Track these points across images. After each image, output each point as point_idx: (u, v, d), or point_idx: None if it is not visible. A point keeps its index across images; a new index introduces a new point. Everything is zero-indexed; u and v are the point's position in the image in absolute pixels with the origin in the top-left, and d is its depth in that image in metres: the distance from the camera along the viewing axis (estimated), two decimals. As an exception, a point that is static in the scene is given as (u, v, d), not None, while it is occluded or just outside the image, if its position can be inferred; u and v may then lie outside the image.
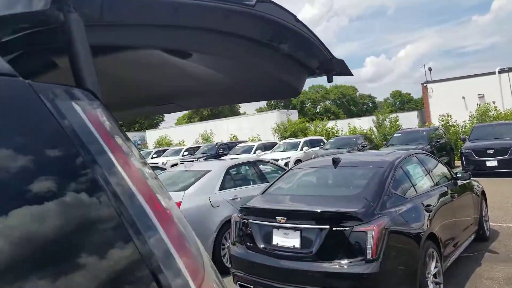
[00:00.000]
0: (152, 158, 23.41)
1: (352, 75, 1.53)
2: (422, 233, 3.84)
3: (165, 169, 8.67)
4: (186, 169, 6.28)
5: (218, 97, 1.60)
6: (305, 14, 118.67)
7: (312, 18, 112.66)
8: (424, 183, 4.79)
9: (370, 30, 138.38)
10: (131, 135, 43.34)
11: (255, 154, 19.83)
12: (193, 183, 5.61)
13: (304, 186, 4.87)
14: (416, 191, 4.39)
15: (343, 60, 1.43)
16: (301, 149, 19.37)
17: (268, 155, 18.63)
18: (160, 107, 1.66)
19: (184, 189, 5.48)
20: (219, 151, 21.93)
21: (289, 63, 1.33)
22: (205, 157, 20.37)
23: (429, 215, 4.10)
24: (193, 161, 19.16)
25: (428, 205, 4.21)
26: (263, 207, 4.24)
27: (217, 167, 6.09)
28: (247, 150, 20.67)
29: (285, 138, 26.58)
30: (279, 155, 18.37)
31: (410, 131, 17.12)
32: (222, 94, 1.54)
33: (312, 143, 20.49)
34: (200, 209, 5.32)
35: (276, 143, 22.33)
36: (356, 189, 4.17)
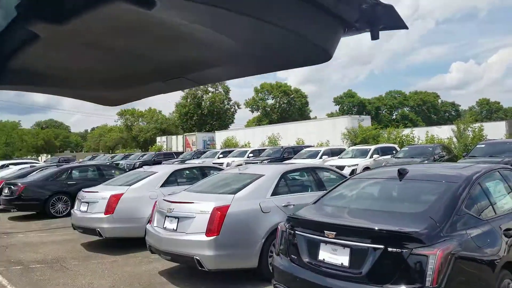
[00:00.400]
0: (218, 158, 23.93)
1: (407, 28, 1.09)
2: (497, 261, 3.30)
3: (222, 169, 8.62)
4: (240, 171, 6.13)
5: (231, 68, 1.30)
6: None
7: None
8: (506, 203, 4.08)
9: (459, 34, 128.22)
10: (201, 135, 45.05)
11: (321, 160, 19.29)
12: (245, 186, 5.42)
13: (362, 198, 4.41)
14: (495, 212, 3.76)
15: (392, 6, 1.01)
16: (371, 157, 18.39)
17: (334, 161, 17.96)
18: (170, 83, 1.40)
19: (234, 192, 5.31)
20: (284, 154, 21.69)
21: (313, 14, 0.96)
22: (269, 160, 20.25)
23: (508, 240, 3.47)
24: (254, 163, 19.18)
25: (508, 229, 3.56)
26: (311, 218, 3.90)
27: (271, 172, 5.85)
28: (313, 155, 20.17)
29: (355, 144, 25.53)
30: (346, 162, 17.63)
31: (496, 143, 15.30)
32: (236, 64, 1.24)
33: (383, 151, 19.36)
34: (249, 214, 5.10)
35: (344, 149, 21.47)
36: (421, 206, 3.65)
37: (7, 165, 17.08)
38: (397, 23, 1.08)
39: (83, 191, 7.85)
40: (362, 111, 64.84)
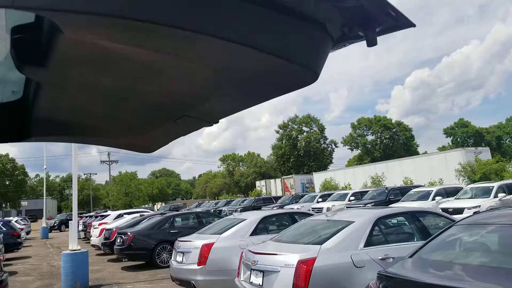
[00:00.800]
0: (318, 202, 23.09)
1: (413, 25, 0.80)
2: None
3: (312, 214, 8.06)
4: (328, 218, 5.58)
5: (222, 100, 1.16)
6: (496, 35, 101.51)
7: (507, 40, 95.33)
8: None
9: None
10: (299, 177, 44.63)
11: (434, 201, 17.23)
12: (333, 235, 4.86)
13: (473, 250, 3.54)
14: None
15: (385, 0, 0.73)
16: (495, 196, 15.80)
17: (450, 203, 15.88)
18: (181, 123, 1.30)
19: (321, 242, 4.78)
20: (389, 196, 19.94)
21: (293, 29, 0.79)
22: (373, 203, 18.81)
23: None
24: (356, 207, 17.95)
25: None
26: (407, 277, 3.19)
27: (363, 218, 5.19)
28: (424, 196, 18.13)
29: (474, 181, 22.45)
30: (464, 203, 15.42)
31: None
32: (224, 95, 1.10)
33: (511, 189, 16.50)
34: (340, 268, 4.50)
35: (461, 188, 18.93)
36: None
37: (121, 215, 18.74)
38: (398, 21, 0.79)
39: (178, 240, 7.96)
40: (480, 142, 57.98)
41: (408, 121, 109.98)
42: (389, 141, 60.90)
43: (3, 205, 56.70)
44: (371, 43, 0.81)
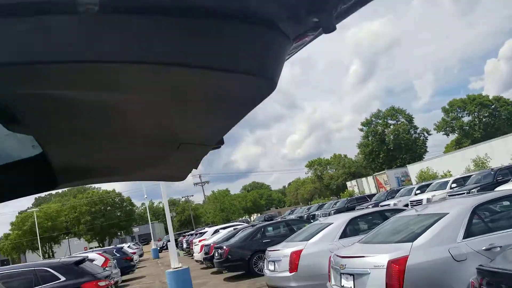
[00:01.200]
0: (416, 194, 21.50)
1: None
2: None
3: (402, 210, 7.49)
4: (418, 212, 5.15)
5: (199, 126, 1.09)
6: None
7: None
8: None
9: None
10: (392, 172, 42.20)
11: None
12: (425, 230, 4.47)
13: None
14: None
15: None
16: None
17: None
18: (184, 150, 1.24)
19: (412, 239, 4.42)
20: (497, 177, 17.83)
21: (242, 41, 0.71)
22: (478, 188, 16.99)
23: None
24: (461, 193, 16.32)
25: None
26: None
27: (458, 208, 4.68)
28: (539, 171, 15.90)
29: None
30: None
31: None
32: (196, 121, 1.03)
33: None
34: (438, 265, 4.10)
35: None
36: None
37: (217, 230, 19.60)
38: None
39: (268, 250, 8.09)
40: None
41: (509, 95, 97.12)
42: (489, 119, 54.81)
43: (119, 233, 63.42)
44: (329, 28, 0.70)
